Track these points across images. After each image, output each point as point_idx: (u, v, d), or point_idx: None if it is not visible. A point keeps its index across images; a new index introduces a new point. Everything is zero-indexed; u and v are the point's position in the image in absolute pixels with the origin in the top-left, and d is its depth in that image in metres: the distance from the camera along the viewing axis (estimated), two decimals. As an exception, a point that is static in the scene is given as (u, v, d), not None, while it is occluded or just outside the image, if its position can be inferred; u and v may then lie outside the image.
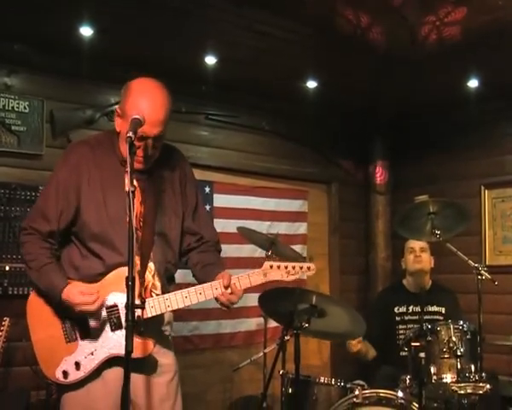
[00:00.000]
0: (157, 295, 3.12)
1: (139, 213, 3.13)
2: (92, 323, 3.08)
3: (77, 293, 3.00)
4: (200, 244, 3.37)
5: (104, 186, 3.11)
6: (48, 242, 3.13)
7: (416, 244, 5.53)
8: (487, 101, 6.29)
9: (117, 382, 2.90)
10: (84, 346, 3.09)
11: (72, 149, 3.26)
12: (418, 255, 5.50)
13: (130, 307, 2.63)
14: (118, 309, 3.05)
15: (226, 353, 6.30)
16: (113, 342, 3.06)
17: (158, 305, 3.06)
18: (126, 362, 2.63)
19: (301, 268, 2.93)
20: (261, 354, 5.62)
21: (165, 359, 3.26)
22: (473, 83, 5.99)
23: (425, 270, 5.50)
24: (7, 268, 5.00)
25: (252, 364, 5.71)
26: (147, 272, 3.13)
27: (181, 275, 3.43)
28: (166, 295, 3.08)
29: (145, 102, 3.05)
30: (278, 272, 2.89)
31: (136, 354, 2.93)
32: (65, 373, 3.10)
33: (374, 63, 5.72)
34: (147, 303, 3.04)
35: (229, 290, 3.08)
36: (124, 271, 2.75)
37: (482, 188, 6.67)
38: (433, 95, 6.41)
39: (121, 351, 2.75)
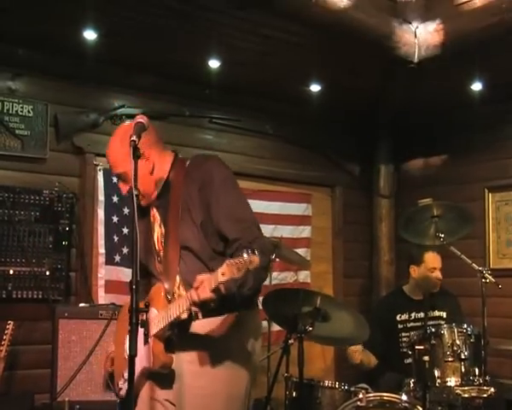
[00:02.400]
0: None
1: (160, 236, 3.26)
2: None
3: None
4: (233, 250, 3.12)
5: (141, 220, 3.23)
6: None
7: (437, 263, 5.38)
8: (491, 103, 6.28)
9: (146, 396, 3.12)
10: None
11: None
12: (440, 278, 5.41)
13: (133, 310, 2.65)
14: (148, 323, 3.06)
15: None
16: (144, 354, 3.10)
17: (165, 316, 3.07)
18: (130, 364, 2.64)
19: (245, 262, 2.87)
20: (265, 357, 5.62)
21: (203, 380, 3.17)
22: (477, 86, 5.99)
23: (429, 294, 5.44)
24: (11, 272, 5.01)
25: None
26: (175, 287, 3.18)
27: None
28: (169, 305, 3.10)
29: (107, 150, 3.28)
30: (231, 269, 2.84)
31: (155, 366, 3.09)
32: (120, 388, 3.28)
33: (378, 66, 5.72)
34: (160, 314, 3.09)
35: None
36: (157, 288, 3.18)
37: (486, 191, 6.65)
38: (437, 97, 6.41)
39: (150, 365, 3.04)
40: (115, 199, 5.52)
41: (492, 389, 4.19)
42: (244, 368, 3.22)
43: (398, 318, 5.47)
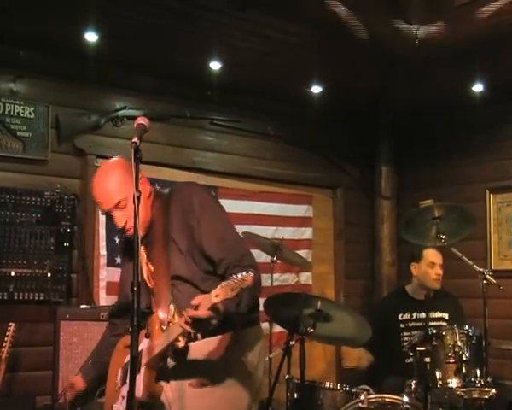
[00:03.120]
0: None
1: (149, 273, 3.28)
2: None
3: None
4: (223, 270, 3.14)
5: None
6: None
7: (437, 258, 5.41)
8: (492, 104, 6.28)
9: None
10: (122, 391, 3.20)
11: None
12: (440, 273, 5.42)
13: (135, 312, 2.65)
14: (140, 355, 3.06)
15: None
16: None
17: (158, 343, 3.08)
18: (131, 366, 2.63)
19: (238, 282, 2.87)
20: (266, 358, 5.61)
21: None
22: (478, 87, 5.99)
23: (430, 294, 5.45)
24: (12, 273, 5.01)
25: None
26: (169, 316, 3.16)
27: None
28: (153, 342, 3.11)
29: (93, 187, 3.28)
30: (224, 290, 2.84)
31: (143, 395, 3.05)
32: None
33: (379, 67, 5.72)
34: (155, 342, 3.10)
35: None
36: (152, 319, 3.16)
37: (487, 192, 6.65)
38: (438, 98, 6.41)
39: (138, 394, 2.96)
40: (116, 201, 5.52)
41: (494, 391, 4.19)
42: (246, 387, 3.22)
43: (399, 317, 5.48)
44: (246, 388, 3.21)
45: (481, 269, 4.55)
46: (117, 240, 5.49)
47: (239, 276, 2.76)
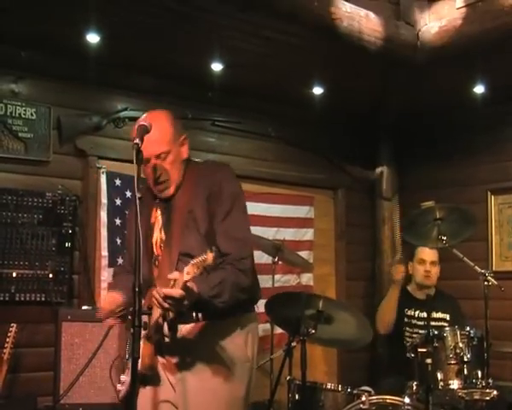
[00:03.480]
0: None
1: (159, 241, 3.27)
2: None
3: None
4: (222, 261, 3.18)
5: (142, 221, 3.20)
6: None
7: (427, 256, 5.48)
8: (493, 105, 6.29)
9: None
10: (129, 363, 3.15)
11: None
12: (428, 270, 5.47)
13: (136, 313, 2.66)
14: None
15: (232, 359, 6.30)
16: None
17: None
18: (133, 367, 2.64)
19: (201, 261, 2.90)
20: (268, 360, 5.62)
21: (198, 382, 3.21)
22: (479, 88, 5.99)
23: (433, 284, 5.48)
24: (14, 274, 5.01)
25: (258, 370, 5.66)
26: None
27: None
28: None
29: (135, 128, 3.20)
30: (193, 268, 2.87)
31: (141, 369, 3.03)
32: (119, 390, 3.28)
33: (380, 68, 5.72)
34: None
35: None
36: (151, 291, 3.09)
37: (488, 193, 6.65)
38: (439, 99, 6.42)
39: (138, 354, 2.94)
40: (118, 202, 5.53)
41: (495, 392, 4.19)
42: (240, 373, 3.27)
43: (405, 311, 5.52)
44: (244, 371, 3.30)
45: (482, 270, 4.55)
46: (118, 241, 5.49)
47: (203, 256, 2.82)
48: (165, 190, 3.25)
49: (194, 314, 3.15)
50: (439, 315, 5.44)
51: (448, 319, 5.42)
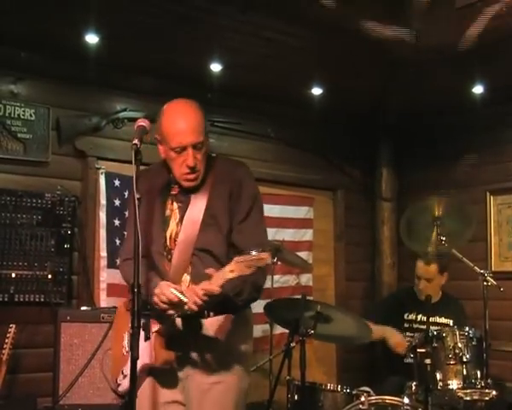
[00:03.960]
0: None
1: (174, 234, 3.23)
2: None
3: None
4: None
5: (149, 210, 3.23)
6: None
7: (421, 273, 5.41)
8: (492, 106, 6.28)
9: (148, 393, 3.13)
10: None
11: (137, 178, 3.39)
12: (422, 288, 5.42)
13: (135, 313, 2.66)
14: (149, 324, 3.06)
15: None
16: (144, 350, 3.06)
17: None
18: (132, 367, 2.64)
19: (254, 260, 2.89)
20: (267, 360, 5.62)
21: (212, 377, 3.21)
22: (478, 89, 5.99)
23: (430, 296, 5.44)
24: (13, 275, 5.01)
25: (257, 370, 5.70)
26: (183, 285, 3.14)
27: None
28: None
29: (173, 115, 3.24)
30: (240, 266, 2.87)
31: (157, 362, 3.08)
32: (118, 384, 3.23)
33: (379, 68, 5.73)
34: None
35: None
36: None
37: (488, 194, 6.65)
38: (439, 100, 6.42)
39: (148, 360, 3.04)
40: (117, 202, 5.53)
41: (494, 392, 4.19)
42: (246, 366, 3.33)
43: (405, 316, 5.49)
44: (246, 367, 3.33)
45: (482, 271, 4.55)
46: (117, 242, 5.49)
47: (254, 253, 2.82)
48: (195, 180, 3.22)
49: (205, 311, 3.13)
50: (442, 320, 5.41)
51: (451, 324, 5.38)
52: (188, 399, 3.20)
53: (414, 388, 4.36)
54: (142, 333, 2.91)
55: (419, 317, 5.48)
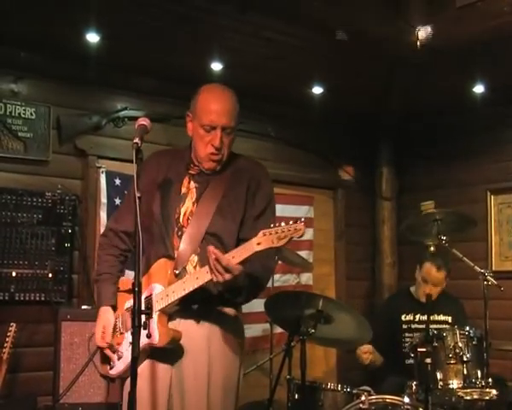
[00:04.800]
0: None
1: (188, 212, 3.23)
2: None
3: (100, 324, 3.22)
4: None
5: (164, 186, 3.27)
6: (123, 243, 3.36)
7: (431, 279, 5.30)
8: (493, 106, 6.29)
9: (148, 373, 3.09)
10: (128, 337, 3.08)
11: (153, 154, 3.47)
12: (427, 291, 5.34)
13: (136, 312, 2.66)
14: (151, 299, 3.08)
15: (232, 358, 6.30)
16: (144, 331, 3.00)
17: (177, 289, 3.05)
18: (133, 366, 2.64)
19: (289, 230, 2.91)
20: (267, 359, 5.62)
21: (219, 361, 3.20)
22: (478, 88, 5.99)
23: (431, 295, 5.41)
24: (13, 274, 5.01)
25: (258, 370, 5.72)
26: (189, 265, 3.15)
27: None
28: (184, 278, 3.07)
29: (211, 95, 3.36)
30: (269, 237, 2.88)
31: (160, 342, 3.02)
32: (111, 365, 3.22)
33: (380, 68, 5.73)
34: (170, 288, 3.06)
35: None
36: (162, 263, 3.13)
37: (488, 193, 6.65)
38: (439, 100, 6.42)
39: (155, 342, 2.99)
40: (117, 201, 5.53)
41: (495, 392, 4.18)
42: (240, 358, 3.32)
43: (403, 318, 5.47)
44: (240, 358, 3.32)
45: (482, 270, 4.54)
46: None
47: (290, 223, 2.87)
48: (217, 163, 3.25)
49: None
50: (441, 318, 5.39)
51: (450, 321, 5.37)
52: (183, 375, 3.15)
53: (414, 387, 4.35)
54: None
55: (417, 317, 5.46)
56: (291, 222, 2.88)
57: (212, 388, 3.14)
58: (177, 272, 3.12)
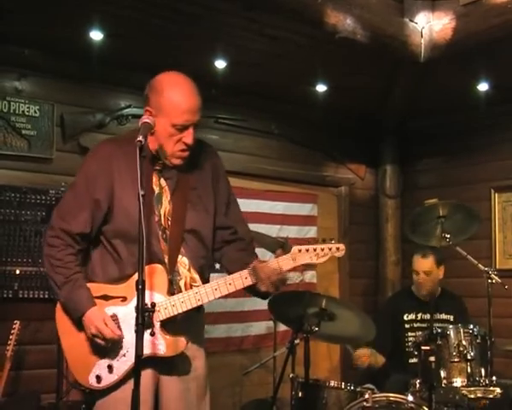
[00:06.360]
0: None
1: (167, 212, 3.13)
2: (123, 323, 3.01)
3: (100, 319, 2.98)
4: (235, 239, 3.30)
5: (133, 183, 2.91)
6: (77, 244, 3.11)
7: (419, 266, 5.40)
8: (497, 104, 6.28)
9: (149, 383, 2.99)
10: (117, 347, 3.01)
11: (101, 144, 3.30)
12: (422, 282, 5.41)
13: (140, 310, 2.64)
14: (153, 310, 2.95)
15: (236, 356, 6.31)
16: (144, 342, 2.86)
17: (188, 299, 3.01)
18: (136, 365, 2.63)
19: (330, 249, 2.92)
20: (271, 357, 5.62)
21: (199, 361, 3.22)
22: (483, 86, 5.98)
23: (431, 291, 5.43)
24: (17, 272, 5.02)
25: (261, 368, 5.72)
26: (181, 268, 3.10)
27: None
28: (196, 289, 3.03)
29: (181, 92, 3.20)
30: (307, 255, 2.88)
31: (168, 352, 2.98)
32: (98, 378, 3.01)
33: (384, 66, 5.72)
34: (177, 298, 3.00)
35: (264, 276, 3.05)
36: (157, 270, 2.99)
37: (492, 191, 6.65)
38: (443, 98, 6.41)
39: (153, 351, 2.93)
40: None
41: (498, 390, 4.18)
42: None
43: (405, 317, 5.47)
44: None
45: (486, 268, 4.55)
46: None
47: (332, 242, 2.92)
48: (184, 159, 3.13)
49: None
50: (443, 316, 5.39)
51: (452, 320, 5.37)
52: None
53: (418, 385, 4.35)
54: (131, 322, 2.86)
55: (419, 316, 5.46)
56: (333, 241, 2.90)
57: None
58: (169, 277, 3.06)
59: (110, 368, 3.00)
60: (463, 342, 4.30)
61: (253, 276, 3.05)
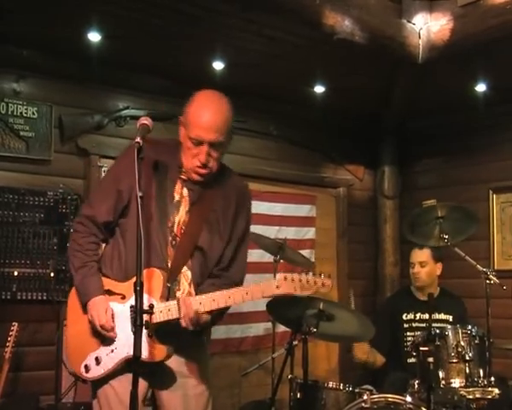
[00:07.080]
0: None
1: (182, 221, 3.17)
2: (117, 320, 3.07)
3: (102, 308, 3.07)
4: (219, 275, 3.27)
5: (155, 188, 3.14)
6: (100, 232, 3.27)
7: (414, 257, 5.44)
8: (497, 104, 6.28)
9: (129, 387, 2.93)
10: (108, 342, 3.07)
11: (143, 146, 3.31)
12: (416, 272, 5.43)
13: (138, 311, 2.65)
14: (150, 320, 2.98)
15: (234, 358, 6.30)
16: (126, 341, 3.00)
17: (160, 312, 3.01)
18: (134, 366, 2.64)
19: (315, 283, 2.90)
20: (269, 358, 5.61)
21: (197, 367, 3.24)
22: (481, 87, 5.99)
23: (425, 285, 5.44)
24: (15, 273, 5.01)
25: (260, 369, 5.72)
26: (183, 279, 3.13)
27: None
28: (197, 297, 3.03)
29: (204, 107, 3.13)
30: (292, 284, 2.87)
31: (149, 358, 2.99)
32: (86, 368, 3.11)
33: (382, 67, 5.72)
34: (163, 306, 3.01)
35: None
36: (155, 274, 3.02)
37: (490, 192, 6.66)
38: (442, 98, 6.41)
39: (149, 355, 2.96)
40: (119, 201, 5.52)
41: (497, 391, 4.18)
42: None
43: (404, 317, 5.47)
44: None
45: (484, 269, 4.54)
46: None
47: (315, 277, 2.88)
48: (204, 177, 3.14)
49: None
50: (442, 316, 5.39)
51: (451, 320, 5.37)
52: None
53: (416, 386, 4.35)
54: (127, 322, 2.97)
55: (417, 315, 5.46)
56: (322, 275, 2.86)
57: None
58: (169, 285, 3.08)
59: (97, 361, 3.09)
60: (462, 343, 4.30)
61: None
